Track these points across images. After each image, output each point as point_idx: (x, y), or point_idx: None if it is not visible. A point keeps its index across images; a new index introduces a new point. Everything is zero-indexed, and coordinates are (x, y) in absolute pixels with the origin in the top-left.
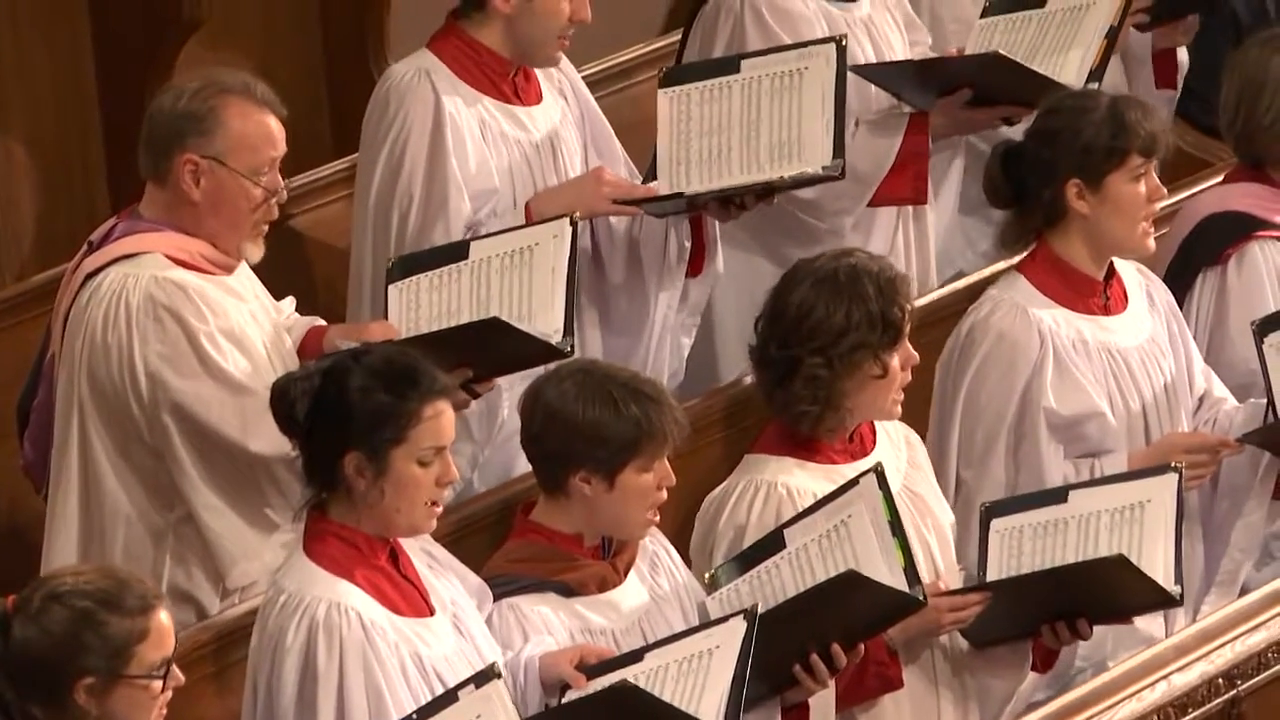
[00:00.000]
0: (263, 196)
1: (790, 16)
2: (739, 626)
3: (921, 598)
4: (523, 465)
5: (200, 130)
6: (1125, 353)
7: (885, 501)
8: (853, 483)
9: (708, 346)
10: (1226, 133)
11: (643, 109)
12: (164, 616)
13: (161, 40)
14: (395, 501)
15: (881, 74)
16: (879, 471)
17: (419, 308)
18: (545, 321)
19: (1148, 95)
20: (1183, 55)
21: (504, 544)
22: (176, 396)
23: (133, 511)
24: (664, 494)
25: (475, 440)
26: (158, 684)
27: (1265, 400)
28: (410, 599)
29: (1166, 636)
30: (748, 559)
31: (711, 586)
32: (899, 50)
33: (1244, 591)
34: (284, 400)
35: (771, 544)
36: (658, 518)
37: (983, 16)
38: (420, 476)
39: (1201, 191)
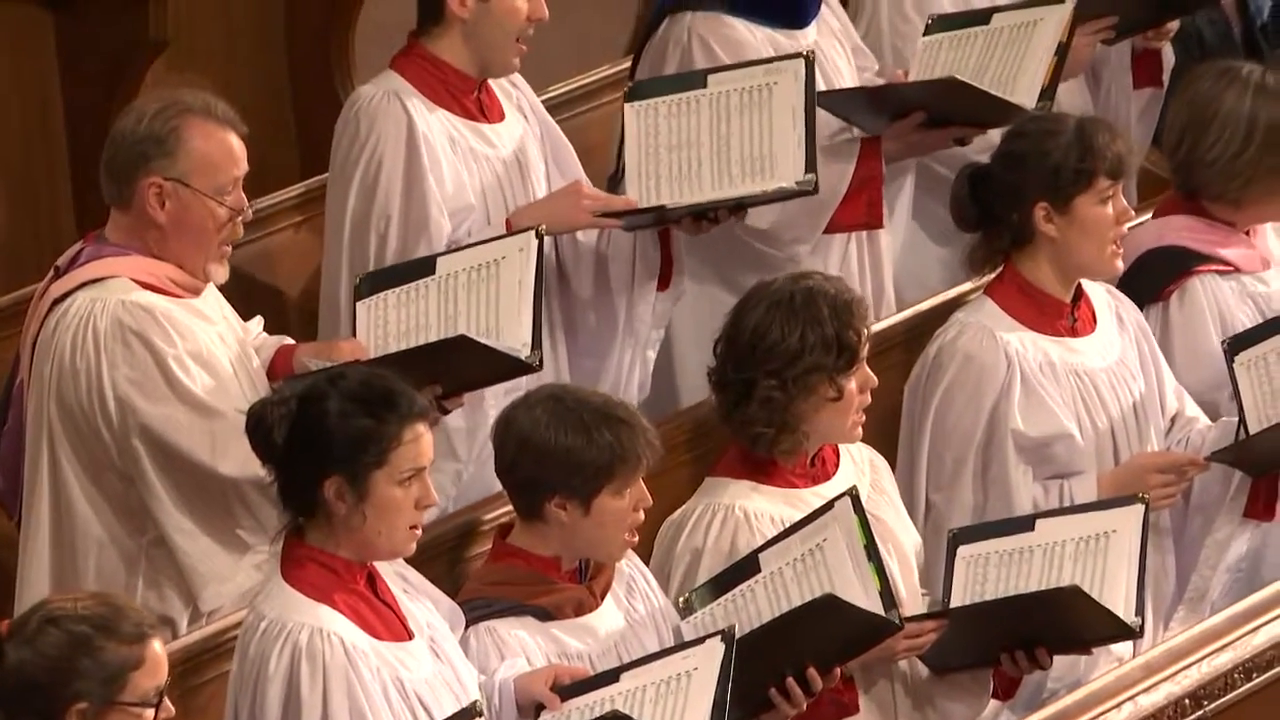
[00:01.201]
0: (228, 216)
1: (738, 45)
2: (717, 648)
3: (898, 621)
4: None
5: (163, 152)
6: (1093, 374)
7: (861, 526)
8: (827, 506)
9: (667, 378)
10: (1167, 159)
11: (609, 130)
12: (158, 645)
13: (127, 63)
14: (377, 525)
15: (833, 101)
16: (854, 496)
17: (387, 324)
18: (513, 335)
19: (1121, 101)
20: (1168, 52)
21: (478, 567)
22: (145, 420)
23: (105, 535)
24: (641, 515)
25: (460, 459)
26: (150, 713)
27: (1236, 419)
28: (389, 623)
29: (1134, 653)
30: (722, 583)
31: (685, 610)
32: (847, 77)
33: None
34: (260, 426)
35: (746, 568)
36: (636, 539)
37: (925, 34)
38: (401, 499)
39: (1140, 225)
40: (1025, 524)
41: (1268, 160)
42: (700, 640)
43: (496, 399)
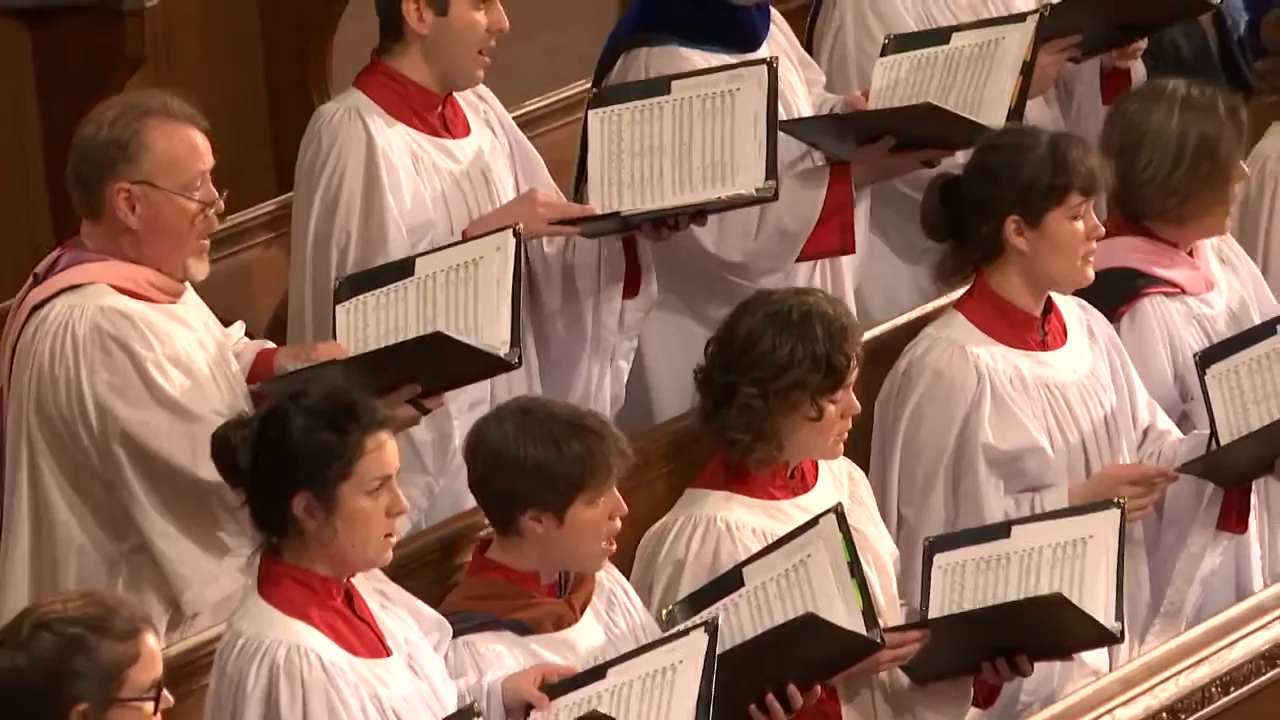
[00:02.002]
0: (199, 209)
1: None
2: (700, 640)
3: (879, 640)
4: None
5: (126, 156)
6: (1064, 387)
7: (845, 543)
8: (812, 522)
9: (644, 409)
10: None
11: (576, 143)
12: (152, 639)
13: (104, 78)
14: (349, 537)
15: (800, 128)
16: (839, 512)
17: (366, 326)
18: (491, 334)
19: (1091, 118)
20: (1138, 70)
21: (458, 581)
22: (126, 425)
23: (86, 542)
24: (617, 524)
25: (430, 471)
26: (149, 705)
27: (1208, 432)
28: (366, 640)
29: (1112, 669)
30: (705, 596)
31: (668, 623)
32: (800, 92)
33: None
34: (225, 450)
35: (730, 582)
36: (613, 547)
37: (882, 54)
38: (370, 509)
39: None
40: (1001, 531)
41: (1201, 172)
42: (684, 632)
43: (460, 410)
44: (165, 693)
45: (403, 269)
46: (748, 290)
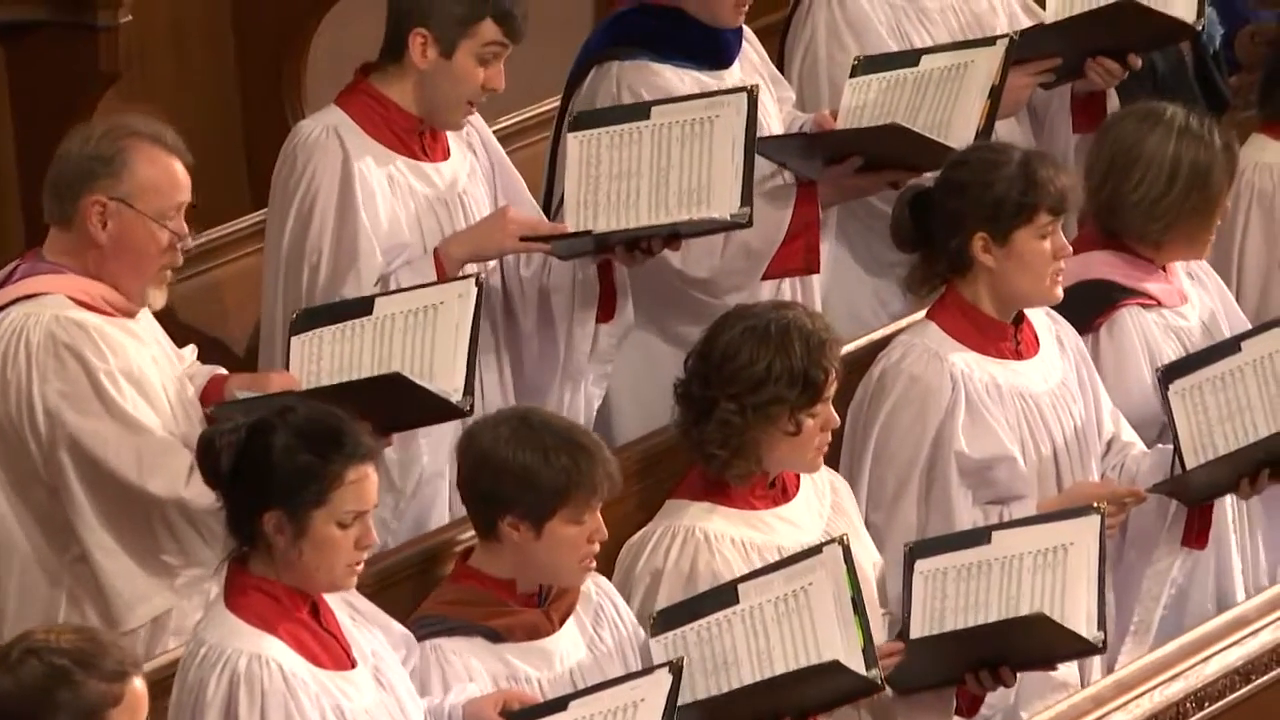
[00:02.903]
0: (169, 240)
1: (667, 92)
2: (664, 679)
3: (879, 682)
4: (438, 517)
5: (108, 172)
6: (1037, 397)
7: (849, 577)
8: (816, 549)
9: (603, 424)
10: (1089, 198)
11: (544, 163)
12: (139, 684)
13: (78, 95)
14: (314, 561)
15: (769, 146)
16: (845, 544)
17: (320, 360)
18: (446, 380)
19: (1060, 141)
20: (1113, 98)
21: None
22: (74, 433)
23: (29, 550)
24: (595, 548)
25: (398, 489)
26: None
27: (1171, 446)
28: (331, 651)
29: (1082, 683)
30: (697, 607)
31: (656, 629)
32: (772, 113)
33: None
34: (209, 452)
35: (724, 596)
36: (593, 565)
37: (852, 75)
38: (339, 539)
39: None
40: (982, 537)
41: (1190, 202)
42: (649, 670)
43: (429, 429)
44: None
45: (362, 306)
46: (712, 307)
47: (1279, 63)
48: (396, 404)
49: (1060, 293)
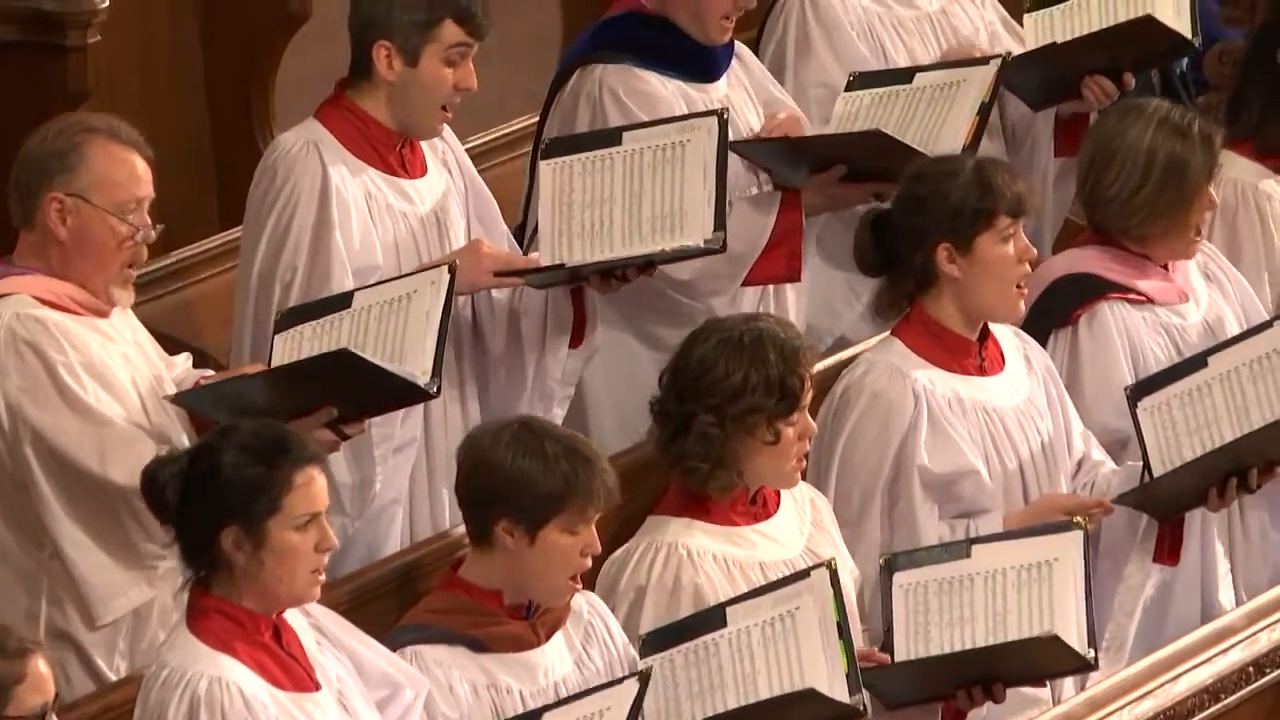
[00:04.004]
0: (128, 232)
1: (649, 98)
2: (631, 689)
3: (862, 709)
4: (392, 545)
5: (64, 167)
6: (1001, 412)
7: (836, 602)
8: (804, 573)
9: (581, 425)
10: (1078, 197)
11: (523, 183)
12: (42, 664)
13: (48, 113)
14: (277, 572)
15: (754, 150)
16: (832, 570)
17: (301, 354)
18: (414, 363)
19: (1041, 163)
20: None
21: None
22: (36, 427)
23: (4, 550)
24: (588, 563)
25: (347, 513)
26: None
27: (1141, 463)
28: (294, 674)
29: (1053, 700)
30: (686, 629)
31: (645, 650)
32: (755, 129)
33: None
34: (154, 485)
35: (712, 619)
36: (580, 584)
37: (846, 90)
38: (299, 544)
39: (1056, 256)
40: (961, 550)
41: (1165, 196)
42: (619, 680)
43: (385, 456)
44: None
45: (342, 302)
46: (690, 309)
47: (1246, 82)
48: (360, 387)
49: (1023, 309)
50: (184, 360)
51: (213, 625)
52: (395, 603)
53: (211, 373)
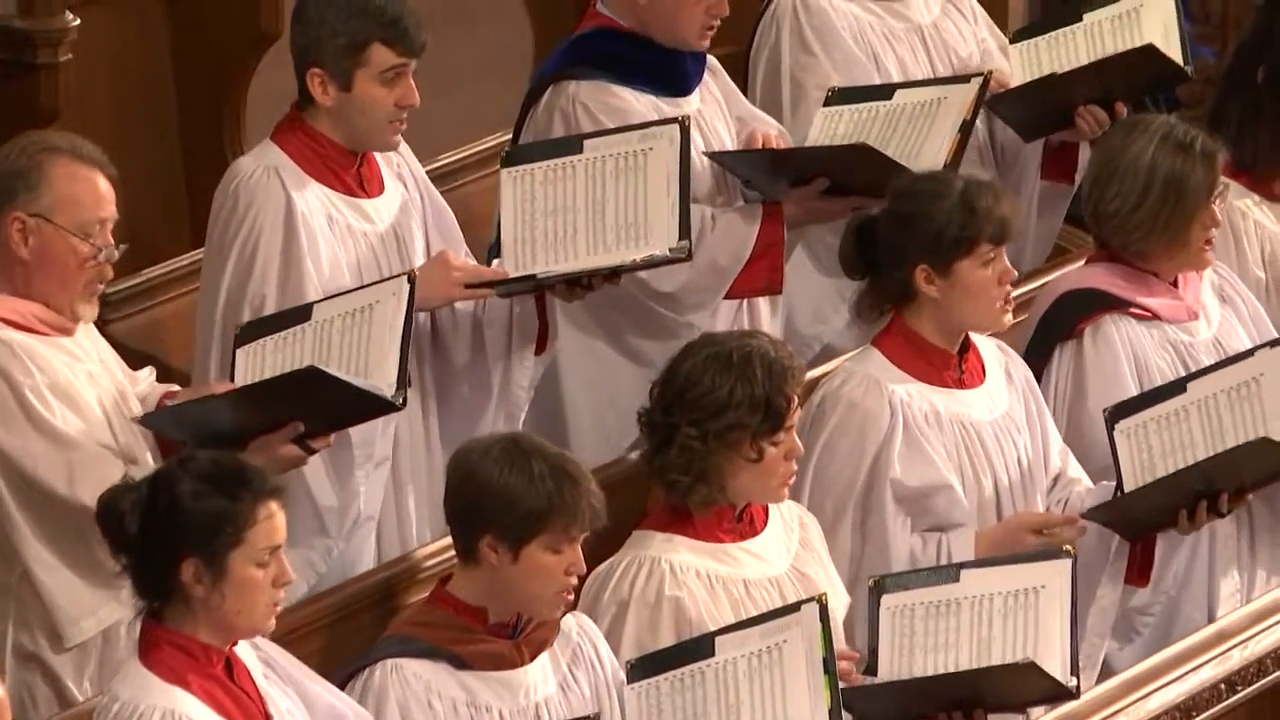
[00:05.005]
0: (91, 253)
1: (623, 114)
2: None
3: None
4: (365, 563)
5: (26, 186)
6: (978, 426)
7: (824, 637)
8: (794, 606)
9: (559, 435)
10: (1084, 212)
11: (497, 200)
12: (2, 691)
13: (18, 130)
14: (236, 605)
15: (736, 161)
16: (823, 603)
17: (264, 369)
18: (380, 376)
19: (1030, 186)
20: (1085, 150)
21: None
22: (3, 451)
23: None
24: (573, 581)
25: (330, 535)
26: None
27: (1114, 484)
28: (245, 708)
29: None
30: (673, 656)
31: (630, 676)
32: (727, 143)
33: (1108, 670)
34: (112, 514)
35: (701, 648)
36: (570, 596)
37: (825, 105)
38: (259, 578)
39: (1064, 272)
40: (950, 574)
41: (1165, 212)
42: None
43: (366, 476)
44: None
45: (302, 314)
46: (673, 322)
47: (1224, 99)
48: (327, 401)
49: (1008, 319)
50: (148, 375)
51: (165, 657)
52: (325, 640)
53: (176, 388)
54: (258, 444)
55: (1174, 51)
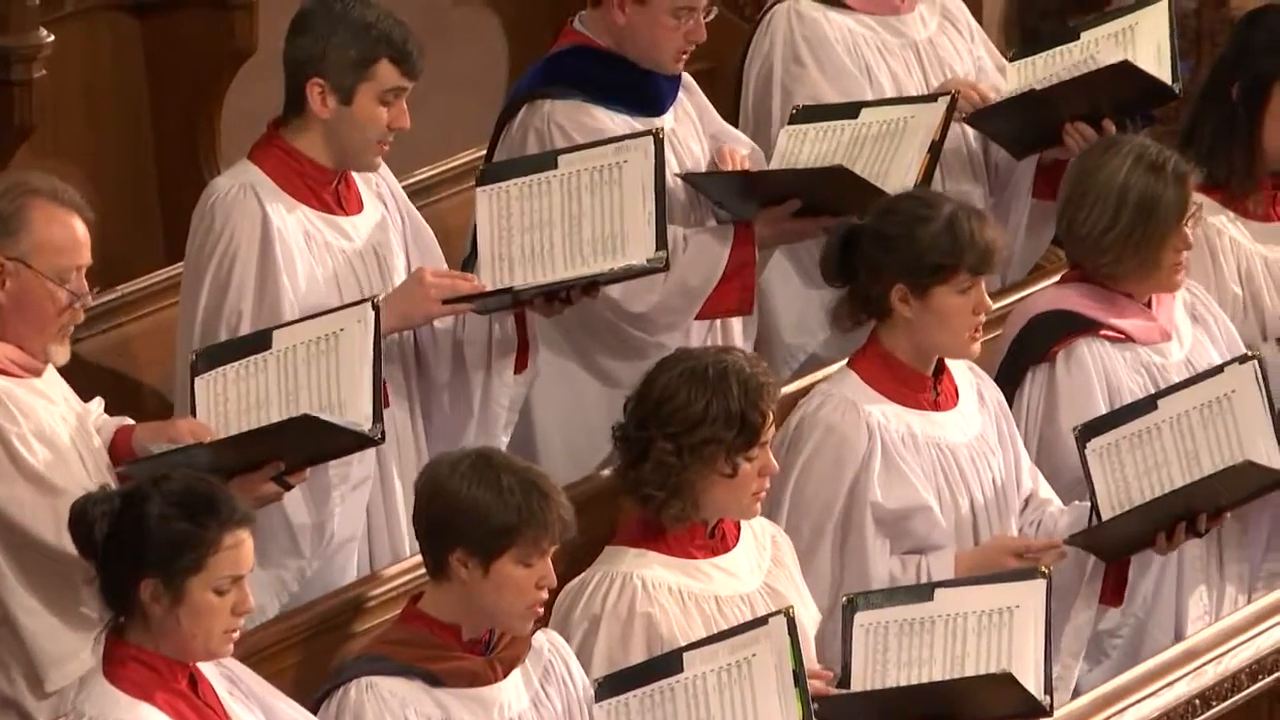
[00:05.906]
0: (68, 300)
1: (597, 133)
2: None
3: None
4: (350, 575)
5: (6, 231)
6: (954, 448)
7: (792, 649)
8: (762, 620)
9: (529, 454)
10: (1059, 234)
11: (471, 215)
12: None
13: None
14: (192, 629)
15: (707, 183)
16: (790, 616)
17: (226, 400)
18: (354, 409)
19: (1021, 205)
20: None
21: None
22: None
23: None
24: (544, 595)
25: (304, 555)
26: None
27: (1089, 504)
28: None
29: None
30: (642, 673)
31: (600, 693)
32: (702, 163)
33: (1077, 693)
34: (82, 522)
35: (670, 664)
36: (541, 610)
37: (790, 123)
38: (217, 605)
39: (1036, 291)
40: (925, 593)
41: (1136, 234)
42: None
43: (344, 497)
44: None
45: (260, 341)
46: (642, 342)
47: (1199, 114)
48: (309, 441)
49: (977, 349)
50: (97, 406)
51: (130, 673)
52: (298, 658)
53: (129, 420)
54: (237, 484)
55: (1165, 70)
